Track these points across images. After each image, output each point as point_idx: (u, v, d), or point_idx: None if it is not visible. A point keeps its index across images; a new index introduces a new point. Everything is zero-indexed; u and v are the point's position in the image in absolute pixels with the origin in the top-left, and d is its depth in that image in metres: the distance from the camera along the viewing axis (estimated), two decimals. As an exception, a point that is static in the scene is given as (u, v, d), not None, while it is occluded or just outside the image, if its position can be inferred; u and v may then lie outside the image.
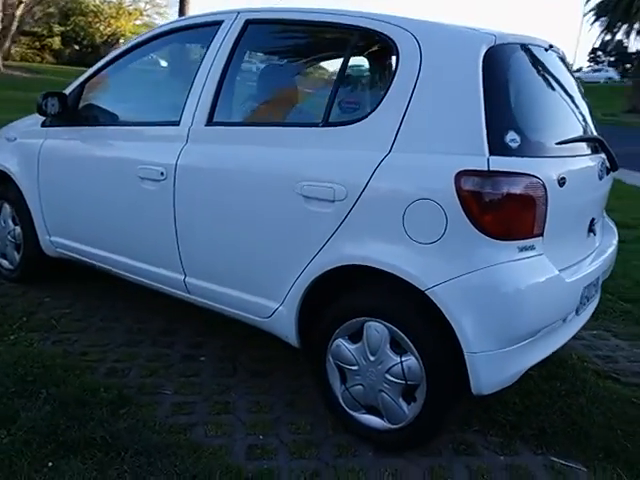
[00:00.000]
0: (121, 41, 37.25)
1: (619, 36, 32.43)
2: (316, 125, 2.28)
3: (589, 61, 61.23)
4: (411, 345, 2.08)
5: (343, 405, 2.30)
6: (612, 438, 2.36)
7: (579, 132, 2.43)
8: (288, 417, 2.43)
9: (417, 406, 2.12)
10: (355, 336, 2.23)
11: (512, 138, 1.98)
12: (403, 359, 2.10)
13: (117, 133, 2.97)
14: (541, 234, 2.03)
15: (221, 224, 2.50)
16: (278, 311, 2.41)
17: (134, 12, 38.68)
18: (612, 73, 47.25)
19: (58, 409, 2.29)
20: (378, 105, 2.14)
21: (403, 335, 2.09)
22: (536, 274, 2.02)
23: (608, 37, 32.57)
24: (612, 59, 55.77)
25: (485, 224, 1.93)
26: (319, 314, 2.33)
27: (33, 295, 3.46)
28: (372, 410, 2.24)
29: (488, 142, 1.95)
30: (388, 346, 2.13)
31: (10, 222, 3.56)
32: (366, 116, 2.16)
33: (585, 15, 33.30)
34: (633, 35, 31.94)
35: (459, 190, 1.92)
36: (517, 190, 1.95)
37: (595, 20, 33.11)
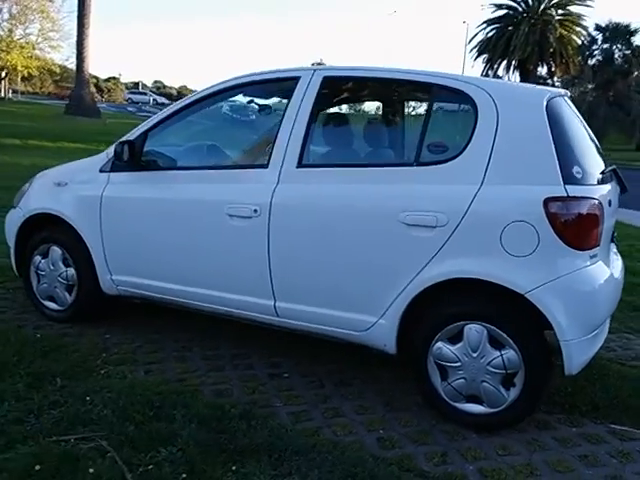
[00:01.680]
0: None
1: (500, 71, 35.67)
2: (410, 165, 2.75)
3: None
4: (510, 340, 2.56)
5: (445, 398, 2.73)
6: (649, 405, 2.97)
7: (601, 162, 3.05)
8: (391, 415, 2.82)
9: (516, 390, 2.60)
10: (454, 338, 2.68)
11: (577, 170, 2.56)
12: (502, 352, 2.57)
13: (196, 176, 3.26)
14: (599, 244, 2.61)
15: (321, 252, 2.87)
16: (378, 324, 2.81)
17: (26, 46, 37.34)
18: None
19: (202, 426, 2.54)
20: (465, 148, 2.65)
21: (502, 333, 2.57)
22: (602, 275, 2.60)
23: (490, 72, 35.70)
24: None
25: (568, 238, 2.47)
26: (412, 322, 2.76)
27: (92, 333, 3.58)
28: (472, 399, 2.69)
29: (561, 174, 2.50)
30: (488, 343, 2.60)
31: (61, 264, 3.67)
32: (455, 157, 2.66)
33: (471, 52, 36.37)
34: (511, 70, 35.36)
35: (547, 212, 2.46)
36: (588, 210, 2.52)
37: (478, 56, 36.34)
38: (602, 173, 2.80)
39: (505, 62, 34.36)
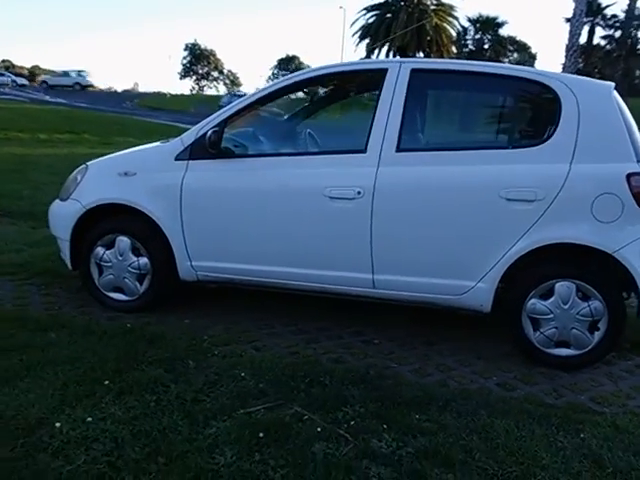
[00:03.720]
0: None
1: (382, 57, 37.17)
2: (505, 148, 3.19)
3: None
4: (596, 292, 3.10)
5: (537, 345, 3.22)
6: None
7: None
8: (491, 365, 3.26)
9: (600, 333, 3.15)
10: (545, 294, 3.17)
11: (640, 151, 3.14)
12: (589, 303, 3.11)
13: (289, 162, 3.45)
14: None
15: (423, 227, 3.23)
16: (476, 287, 3.22)
17: None
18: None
19: (357, 386, 2.83)
20: (554, 133, 3.12)
21: (589, 286, 3.10)
22: None
23: (372, 57, 37.11)
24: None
25: (644, 206, 3.04)
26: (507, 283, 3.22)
27: (172, 319, 3.65)
28: (561, 344, 3.20)
29: (635, 154, 3.07)
30: (576, 296, 3.12)
31: (130, 254, 3.68)
32: (545, 140, 3.13)
33: (353, 36, 37.50)
34: (391, 54, 37.02)
35: (630, 185, 3.00)
36: (654, 183, 3.10)
37: (360, 41, 37.63)
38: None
39: (386, 48, 36.07)
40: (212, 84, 74.27)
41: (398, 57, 36.11)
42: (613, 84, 3.27)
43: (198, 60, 72.62)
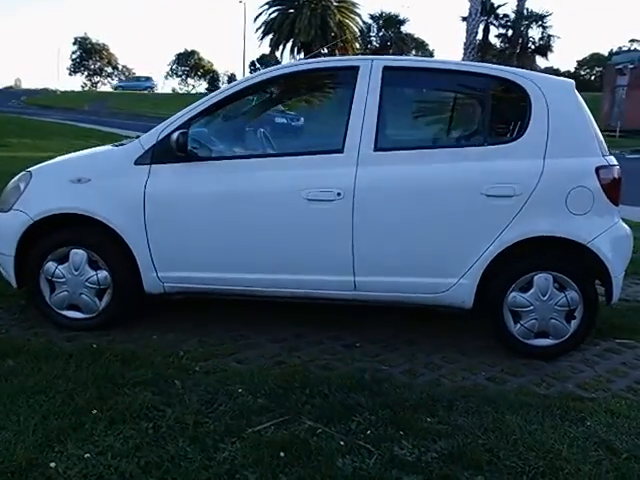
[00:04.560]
0: None
1: (286, 52, 37.20)
2: (481, 145, 3.21)
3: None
4: (572, 283, 3.21)
5: (518, 337, 3.29)
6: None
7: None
8: (475, 360, 3.29)
9: (576, 322, 3.27)
10: (524, 288, 3.24)
11: (603, 144, 3.28)
12: (566, 293, 3.21)
13: (261, 164, 3.29)
14: (618, 201, 3.39)
15: (406, 227, 3.20)
16: (458, 284, 3.24)
17: None
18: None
19: (359, 393, 2.75)
20: (526, 129, 3.19)
21: (565, 277, 3.21)
22: (625, 226, 3.37)
23: (277, 52, 37.07)
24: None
25: (612, 197, 3.19)
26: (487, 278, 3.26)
27: (137, 336, 3.39)
28: (540, 334, 3.29)
29: (599, 148, 3.21)
30: (553, 287, 3.22)
31: (87, 268, 3.38)
32: (519, 137, 3.20)
33: (256, 31, 37.26)
34: (296, 50, 37.14)
35: (599, 178, 3.13)
36: (618, 174, 3.25)
37: (264, 36, 37.39)
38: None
39: (291, 43, 36.04)
40: (106, 80, 71.02)
41: (303, 54, 36.36)
42: (573, 81, 3.40)
43: (89, 55, 69.14)
